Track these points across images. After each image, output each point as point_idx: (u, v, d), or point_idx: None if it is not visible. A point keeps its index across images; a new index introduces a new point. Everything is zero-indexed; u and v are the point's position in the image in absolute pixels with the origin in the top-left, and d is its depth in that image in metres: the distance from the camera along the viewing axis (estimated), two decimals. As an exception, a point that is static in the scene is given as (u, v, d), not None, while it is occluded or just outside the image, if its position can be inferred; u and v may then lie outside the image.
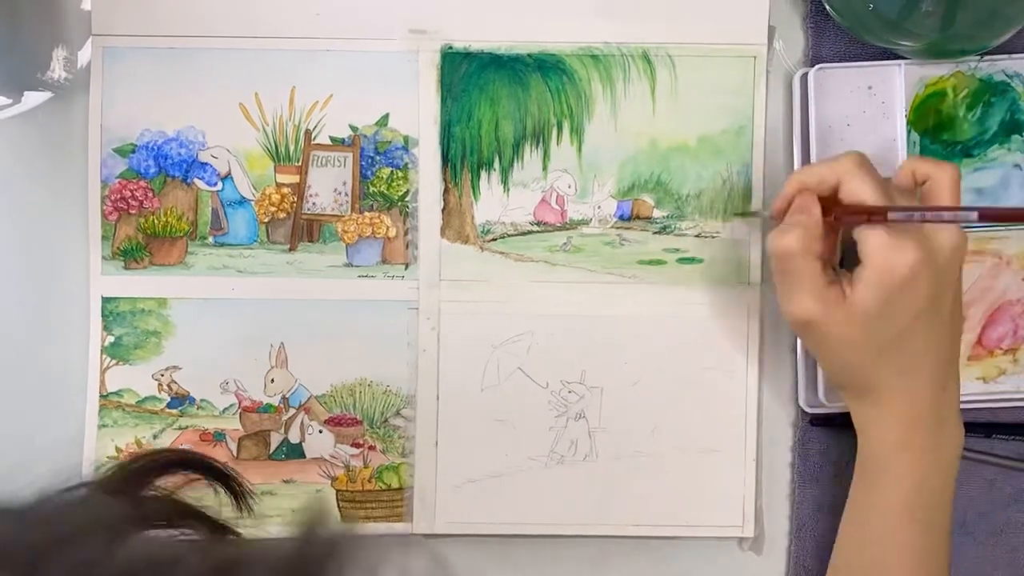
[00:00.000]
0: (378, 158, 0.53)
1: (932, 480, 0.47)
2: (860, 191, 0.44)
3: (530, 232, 0.53)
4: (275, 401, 0.53)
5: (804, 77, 0.52)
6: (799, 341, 0.53)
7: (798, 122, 0.52)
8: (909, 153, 0.52)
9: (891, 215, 0.43)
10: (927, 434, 0.46)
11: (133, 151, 0.52)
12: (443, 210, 0.53)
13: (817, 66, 0.51)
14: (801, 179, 0.46)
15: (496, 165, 0.53)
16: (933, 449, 0.46)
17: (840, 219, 0.45)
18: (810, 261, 0.44)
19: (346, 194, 0.53)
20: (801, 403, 0.53)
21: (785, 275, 0.45)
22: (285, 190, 0.53)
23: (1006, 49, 0.51)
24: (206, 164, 0.52)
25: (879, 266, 0.43)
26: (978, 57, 0.51)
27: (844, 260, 0.50)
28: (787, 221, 0.45)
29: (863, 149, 0.51)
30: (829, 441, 0.54)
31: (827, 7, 0.51)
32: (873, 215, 0.44)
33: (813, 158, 0.51)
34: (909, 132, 0.52)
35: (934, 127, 0.52)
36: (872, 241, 0.43)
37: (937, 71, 0.52)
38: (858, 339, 0.44)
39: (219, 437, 0.53)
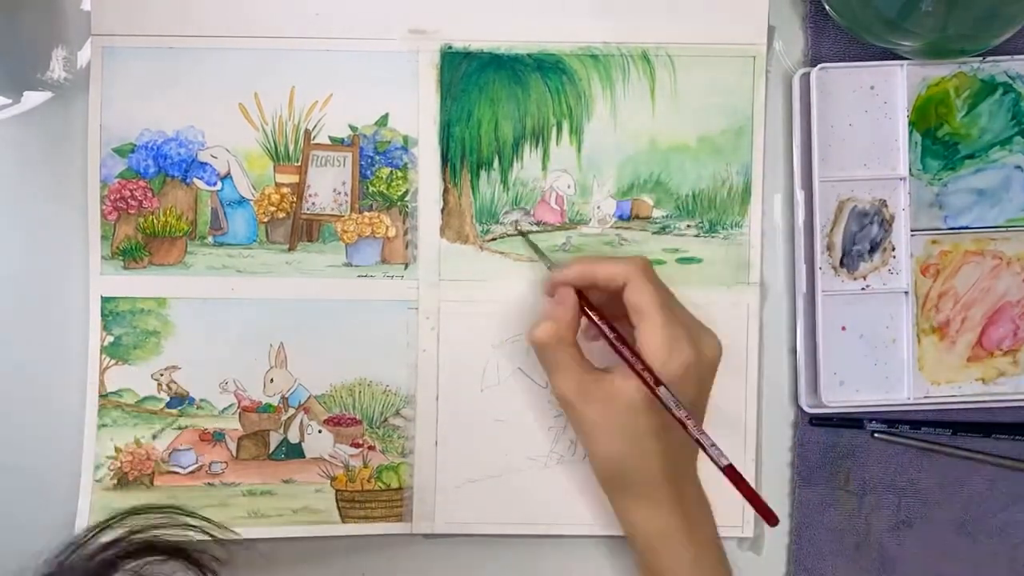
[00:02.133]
0: (378, 158, 0.53)
1: (707, 560, 0.47)
2: (641, 297, 0.46)
3: (530, 232, 0.53)
4: (274, 401, 0.53)
5: (805, 77, 0.52)
6: (799, 341, 0.53)
7: (798, 122, 0.52)
8: (911, 153, 0.52)
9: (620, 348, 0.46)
10: (687, 520, 0.47)
11: (132, 151, 0.52)
12: (443, 210, 0.53)
13: (819, 66, 0.51)
14: (590, 270, 0.47)
15: (496, 165, 0.53)
16: (697, 529, 0.47)
17: (588, 318, 0.48)
18: (563, 350, 0.47)
19: (345, 194, 0.53)
20: (802, 403, 0.53)
21: (544, 361, 0.48)
22: (284, 190, 0.53)
23: (1008, 50, 0.51)
24: (205, 164, 0.52)
25: (654, 364, 0.45)
26: (980, 58, 0.51)
27: (843, 260, 0.51)
28: (544, 313, 0.49)
29: (865, 149, 0.52)
30: (829, 441, 0.54)
31: (827, 7, 0.51)
32: (622, 348, 0.46)
33: (815, 158, 0.51)
34: (911, 132, 0.52)
35: (935, 127, 0.52)
36: (649, 340, 0.45)
37: (939, 71, 0.52)
38: (616, 425, 0.46)
39: (218, 437, 0.53)
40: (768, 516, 0.44)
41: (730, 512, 0.53)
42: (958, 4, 0.46)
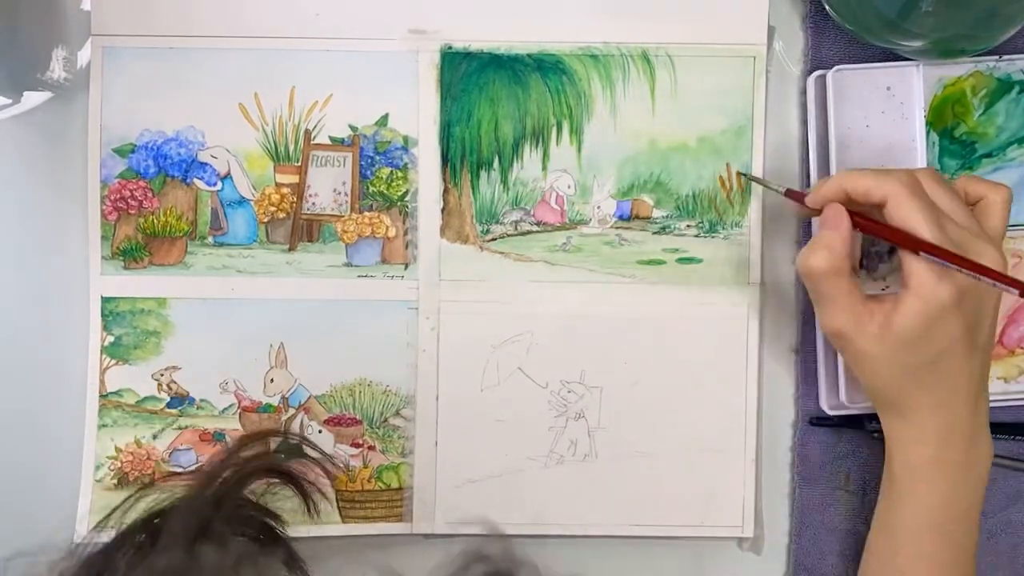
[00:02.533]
0: (378, 158, 0.53)
1: (961, 496, 0.47)
2: (910, 220, 0.43)
3: (530, 232, 0.53)
4: (275, 401, 0.53)
5: (821, 79, 0.52)
6: (818, 344, 0.53)
7: (814, 124, 0.52)
8: (928, 153, 0.52)
9: (924, 255, 0.43)
10: (958, 451, 0.47)
11: (133, 151, 0.52)
12: (443, 210, 0.53)
13: (835, 68, 0.51)
14: (845, 184, 0.45)
15: (496, 165, 0.53)
16: (963, 466, 0.47)
17: (872, 234, 0.45)
18: (840, 280, 0.44)
19: (346, 194, 0.53)
20: (823, 406, 0.53)
21: (816, 292, 0.46)
22: (285, 190, 0.53)
23: (1022, 48, 0.51)
24: (206, 164, 0.52)
25: (924, 295, 0.43)
26: (996, 56, 0.51)
27: (863, 261, 0.51)
28: (816, 238, 0.45)
29: (883, 149, 0.52)
30: (829, 441, 0.54)
31: (827, 7, 0.51)
32: (910, 247, 0.43)
33: (832, 159, 0.51)
34: (928, 132, 0.52)
35: (952, 127, 0.52)
36: (918, 270, 0.43)
37: (955, 71, 0.52)
38: (892, 359, 0.45)
39: (219, 437, 0.53)
40: None
41: (730, 512, 0.53)
42: (958, 4, 0.46)
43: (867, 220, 0.45)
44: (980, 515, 0.48)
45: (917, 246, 0.43)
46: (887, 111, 0.52)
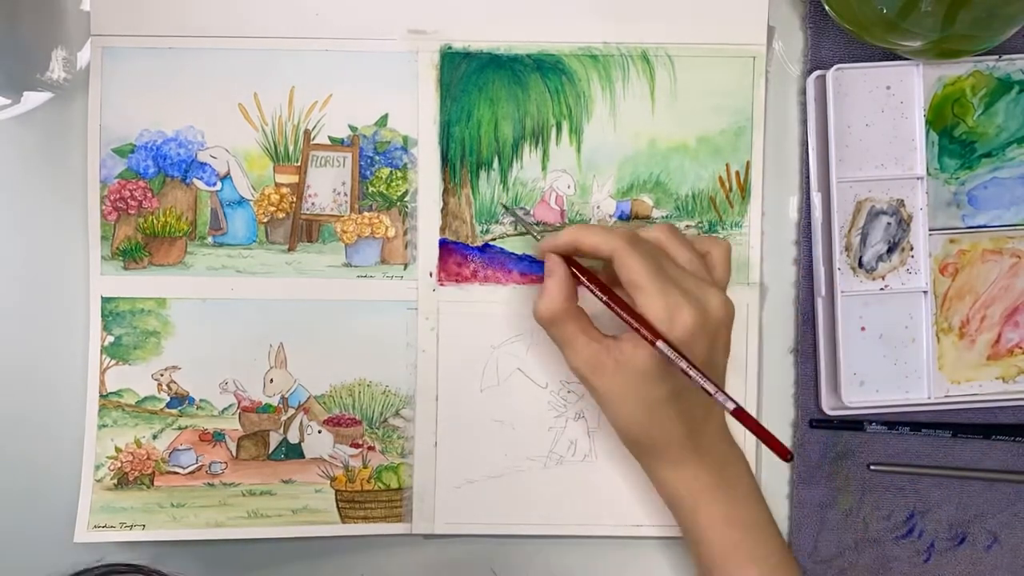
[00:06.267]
0: (377, 158, 0.53)
1: (742, 514, 0.47)
2: (632, 271, 0.45)
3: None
4: (274, 401, 0.53)
5: (821, 79, 0.52)
6: (820, 343, 0.53)
7: (813, 123, 0.52)
8: (928, 152, 0.52)
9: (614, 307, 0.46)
10: (713, 474, 0.47)
11: (132, 151, 0.52)
12: (442, 210, 0.53)
13: (835, 67, 0.51)
14: (577, 238, 0.47)
15: (495, 165, 0.53)
16: (727, 487, 0.47)
17: (588, 287, 0.48)
18: (567, 323, 0.47)
19: (345, 194, 0.53)
20: (823, 406, 0.53)
21: (552, 337, 0.48)
22: (284, 190, 0.53)
23: (1021, 48, 0.51)
24: (205, 164, 0.52)
25: (656, 328, 0.44)
26: (996, 56, 0.51)
27: (862, 260, 0.51)
28: (540, 287, 0.48)
29: (882, 149, 0.52)
30: (829, 441, 0.54)
31: (826, 7, 0.51)
32: (618, 308, 0.46)
33: (832, 158, 0.51)
34: (928, 131, 0.52)
35: (952, 126, 0.52)
36: (651, 305, 0.44)
37: (955, 70, 0.52)
38: (631, 394, 0.46)
39: (218, 437, 0.53)
40: (782, 452, 0.43)
41: (730, 512, 0.53)
42: (957, 4, 0.46)
43: (584, 271, 0.48)
44: (770, 516, 0.48)
45: (613, 308, 0.46)
46: (887, 110, 0.52)
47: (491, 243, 0.53)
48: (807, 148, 0.53)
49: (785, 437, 0.54)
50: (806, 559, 0.54)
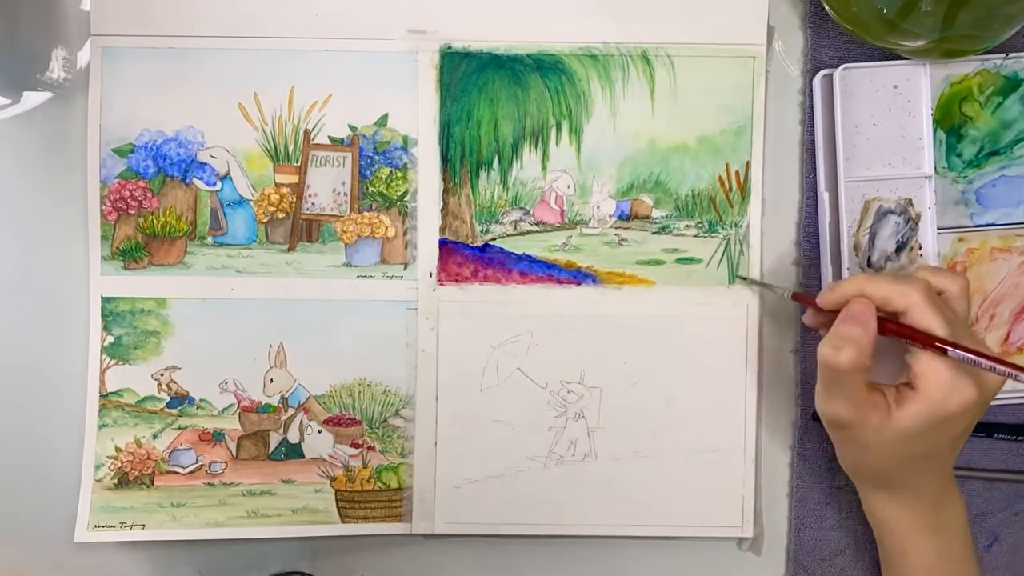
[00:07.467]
0: (377, 158, 0.53)
1: (950, 550, 0.48)
2: (928, 324, 0.43)
3: (529, 232, 0.53)
4: (274, 401, 0.53)
5: (827, 78, 0.52)
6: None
7: (820, 123, 0.52)
8: (935, 151, 0.52)
9: (951, 353, 0.43)
10: (938, 514, 0.48)
11: (132, 151, 0.52)
12: (442, 210, 0.53)
13: (843, 66, 0.51)
14: (865, 289, 0.45)
15: (495, 165, 0.53)
16: (945, 525, 0.48)
17: (894, 335, 0.45)
18: (857, 375, 0.44)
19: (345, 194, 0.53)
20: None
21: (829, 382, 0.45)
22: (284, 190, 0.53)
23: (1021, 47, 0.51)
24: (205, 164, 0.52)
25: (935, 400, 0.43)
26: (1003, 54, 0.51)
27: (870, 260, 0.51)
28: (843, 333, 0.44)
29: (890, 148, 0.52)
30: (829, 441, 0.54)
31: (827, 7, 0.51)
32: (931, 345, 0.43)
33: (839, 158, 0.51)
34: (935, 130, 0.52)
35: (959, 125, 0.52)
36: (932, 375, 0.43)
37: (962, 69, 0.52)
38: (887, 448, 0.45)
39: (218, 437, 0.53)
40: None
41: (730, 512, 0.53)
42: (957, 4, 0.46)
43: (892, 323, 0.44)
44: (974, 555, 0.49)
45: (943, 346, 0.43)
46: (894, 109, 0.52)
47: (491, 243, 0.53)
48: (807, 148, 0.53)
49: (786, 437, 0.54)
50: (806, 558, 0.54)
